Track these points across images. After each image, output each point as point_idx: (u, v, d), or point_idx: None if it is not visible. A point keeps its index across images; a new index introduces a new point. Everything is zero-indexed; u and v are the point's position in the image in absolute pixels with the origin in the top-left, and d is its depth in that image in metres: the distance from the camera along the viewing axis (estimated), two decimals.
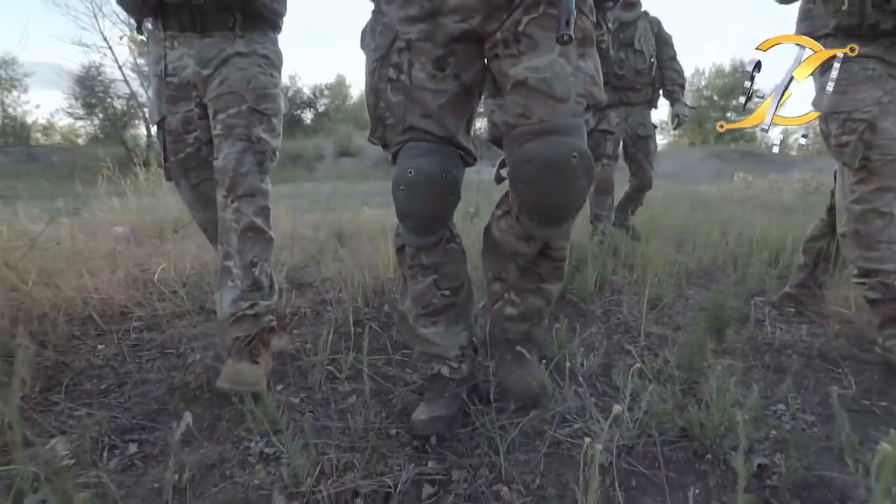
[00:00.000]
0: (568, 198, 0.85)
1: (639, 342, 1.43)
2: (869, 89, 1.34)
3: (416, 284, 1.08)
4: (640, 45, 2.90)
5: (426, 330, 1.10)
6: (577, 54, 0.86)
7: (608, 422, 0.79)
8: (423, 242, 1.03)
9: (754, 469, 0.87)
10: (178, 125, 1.35)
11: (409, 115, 0.96)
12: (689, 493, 0.81)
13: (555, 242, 1.04)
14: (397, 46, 0.94)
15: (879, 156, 1.33)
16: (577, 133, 0.84)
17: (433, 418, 1.01)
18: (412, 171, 0.93)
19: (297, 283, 2.09)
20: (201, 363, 1.35)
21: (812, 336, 1.49)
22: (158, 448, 0.99)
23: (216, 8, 1.28)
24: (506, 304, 1.13)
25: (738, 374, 1.08)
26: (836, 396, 0.78)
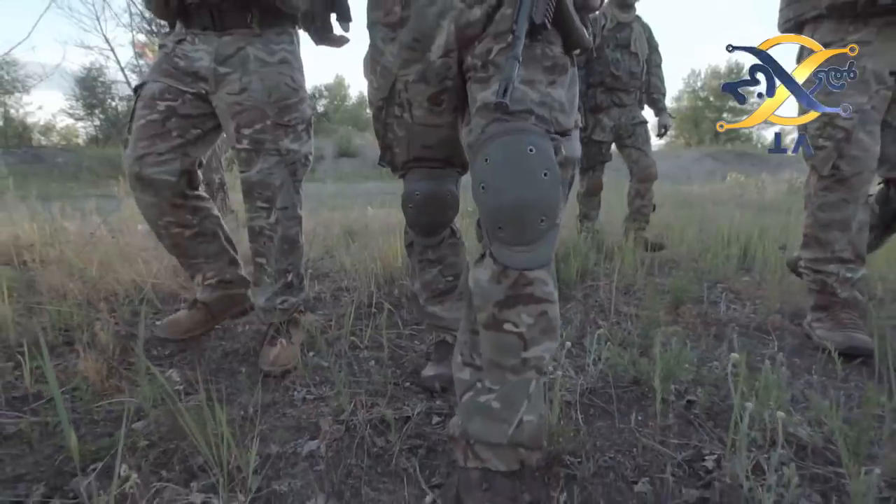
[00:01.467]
0: (530, 193, 0.72)
1: (609, 318, 1.71)
2: (855, 94, 1.33)
3: (425, 274, 1.27)
4: (636, 47, 2.95)
5: (433, 308, 1.30)
6: (546, 82, 0.82)
7: None
8: (428, 242, 1.23)
9: (684, 403, 1.15)
10: (155, 91, 1.33)
11: (412, 149, 1.07)
12: (631, 417, 1.09)
13: (532, 274, 0.78)
14: (398, 88, 1.00)
15: (849, 166, 1.38)
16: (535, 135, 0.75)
17: (438, 374, 1.26)
18: (418, 192, 1.11)
19: (317, 273, 2.36)
20: (244, 334, 1.62)
21: (755, 313, 1.77)
22: (224, 395, 1.26)
23: (234, 6, 1.32)
24: (479, 393, 0.83)
25: (682, 339, 1.36)
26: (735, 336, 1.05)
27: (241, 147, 1.36)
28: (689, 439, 1.00)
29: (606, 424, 1.07)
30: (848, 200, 1.42)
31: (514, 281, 0.77)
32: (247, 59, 1.33)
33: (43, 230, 2.85)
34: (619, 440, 1.01)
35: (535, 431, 0.80)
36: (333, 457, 0.97)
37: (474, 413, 0.81)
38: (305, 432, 1.07)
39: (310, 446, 1.01)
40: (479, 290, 0.81)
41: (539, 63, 0.82)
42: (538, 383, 0.81)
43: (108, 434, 1.04)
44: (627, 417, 1.09)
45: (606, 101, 2.94)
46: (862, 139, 1.35)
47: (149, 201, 1.37)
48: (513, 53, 0.73)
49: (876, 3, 1.27)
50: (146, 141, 1.31)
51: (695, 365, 1.27)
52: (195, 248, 1.49)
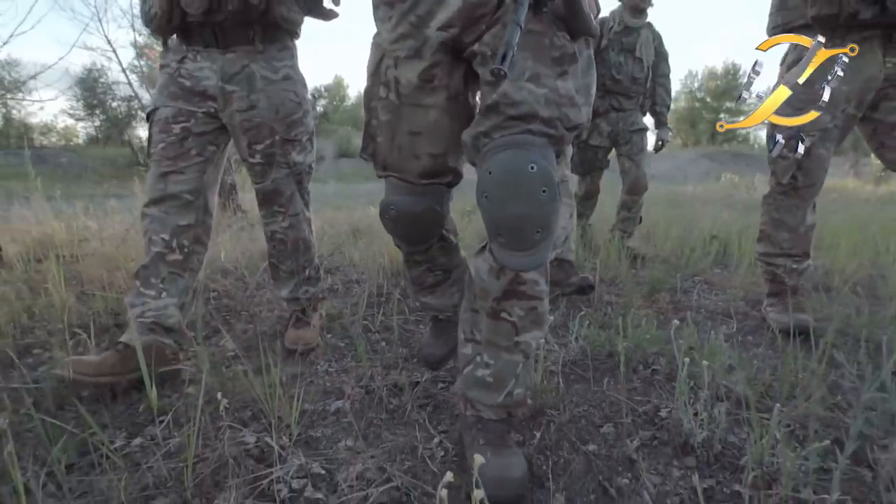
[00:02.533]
0: (529, 209, 0.77)
1: (593, 305, 1.92)
2: (821, 113, 1.38)
3: (412, 272, 1.21)
4: (641, 53, 2.89)
5: (425, 298, 1.27)
6: (555, 74, 0.82)
7: None
8: (413, 250, 1.14)
9: (649, 371, 1.36)
10: (168, 115, 1.37)
11: (397, 137, 0.95)
12: (604, 381, 1.30)
13: (527, 275, 0.89)
14: (385, 64, 0.94)
15: (805, 178, 1.53)
16: (536, 149, 0.80)
17: (433, 353, 1.27)
18: (394, 208, 1.00)
19: (328, 267, 2.57)
20: (270, 319, 1.83)
21: (722, 301, 1.99)
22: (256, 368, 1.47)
23: (236, 23, 1.36)
24: (477, 367, 0.96)
25: (652, 320, 1.57)
26: (689, 314, 1.26)
27: (255, 161, 1.46)
28: (650, 397, 1.22)
29: (582, 387, 1.28)
30: (799, 206, 1.60)
31: (511, 279, 0.88)
32: (252, 77, 1.39)
33: (71, 228, 3.06)
34: (592, 398, 1.22)
35: (520, 399, 0.96)
36: (357, 412, 1.19)
37: (472, 384, 0.96)
38: (331, 395, 1.28)
39: (336, 405, 1.23)
40: (480, 280, 0.92)
41: (547, 54, 0.82)
42: (525, 365, 0.95)
43: (167, 396, 1.25)
44: (601, 382, 1.31)
45: (604, 106, 2.91)
46: (820, 154, 1.49)
47: (157, 215, 1.36)
48: (514, 18, 0.71)
49: (857, 17, 1.33)
50: (169, 161, 1.36)
51: (662, 341, 1.48)
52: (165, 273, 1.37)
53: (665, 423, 1.08)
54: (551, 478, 0.92)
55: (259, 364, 1.22)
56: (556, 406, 1.16)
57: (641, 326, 1.48)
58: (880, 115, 1.52)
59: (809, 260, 1.71)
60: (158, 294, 1.36)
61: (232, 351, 1.39)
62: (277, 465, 0.95)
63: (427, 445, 1.04)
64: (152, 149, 1.38)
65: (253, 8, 1.33)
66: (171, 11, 1.32)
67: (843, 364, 1.18)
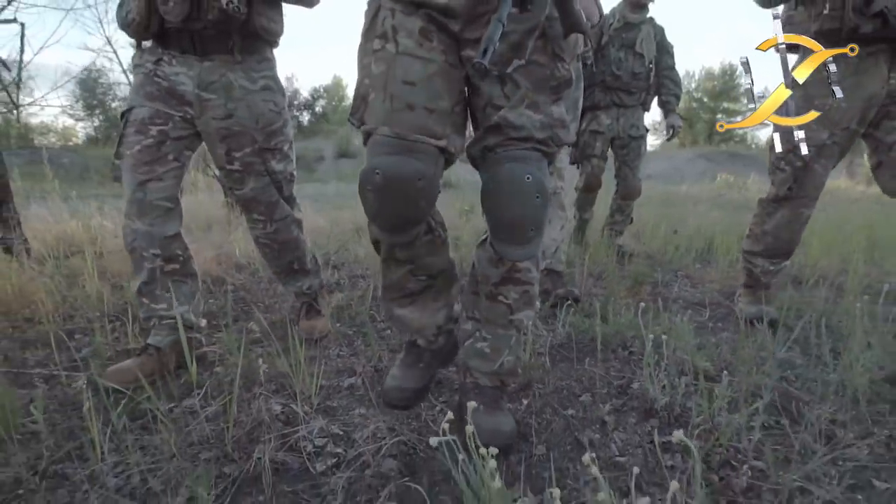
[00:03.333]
0: (525, 211, 0.90)
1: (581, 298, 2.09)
2: (819, 130, 1.47)
3: (391, 274, 1.06)
4: (642, 48, 2.86)
5: (401, 310, 1.10)
6: (550, 101, 0.94)
7: None
8: (396, 240, 0.98)
9: (626, 352, 1.53)
10: (144, 115, 1.34)
11: (390, 84, 0.89)
12: (585, 361, 1.47)
13: (521, 264, 1.02)
14: (382, 16, 0.92)
15: (800, 191, 1.59)
16: (532, 162, 0.92)
17: (399, 388, 1.10)
18: (379, 172, 0.87)
19: (334, 263, 2.74)
20: (284, 310, 2.00)
21: (700, 293, 2.16)
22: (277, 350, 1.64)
23: (215, 32, 1.34)
24: (476, 341, 1.08)
25: (632, 309, 1.74)
26: (660, 304, 1.44)
27: (233, 168, 1.45)
28: (624, 373, 1.39)
29: (566, 365, 1.45)
30: (791, 220, 1.66)
31: (508, 268, 1.02)
32: (230, 86, 1.38)
33: (89, 227, 3.23)
34: (574, 373, 1.39)
35: (511, 367, 1.10)
36: (368, 386, 1.35)
37: (472, 355, 1.10)
38: (344, 373, 1.45)
39: (349, 381, 1.39)
40: (481, 268, 1.05)
41: (547, 83, 0.93)
42: (517, 339, 1.09)
43: (199, 374, 1.42)
44: (582, 361, 1.47)
45: (605, 101, 2.89)
46: (816, 170, 1.54)
47: (142, 230, 1.35)
48: (497, 16, 0.76)
49: (858, 32, 1.36)
50: (145, 167, 1.33)
51: (639, 327, 1.65)
52: (167, 284, 1.42)
53: (635, 393, 1.25)
54: (535, 434, 1.09)
55: (280, 346, 1.39)
56: (542, 380, 1.33)
57: (621, 314, 1.65)
58: (880, 134, 1.54)
59: (787, 262, 1.82)
60: (169, 305, 1.41)
61: (258, 333, 1.55)
62: (302, 426, 1.12)
63: (430, 412, 1.21)
64: (125, 150, 1.34)
65: (233, 18, 1.32)
66: (149, 18, 1.31)
67: (794, 345, 1.35)
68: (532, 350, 1.41)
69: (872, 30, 1.35)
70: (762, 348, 1.42)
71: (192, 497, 0.90)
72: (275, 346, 1.37)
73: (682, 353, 1.33)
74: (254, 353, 1.47)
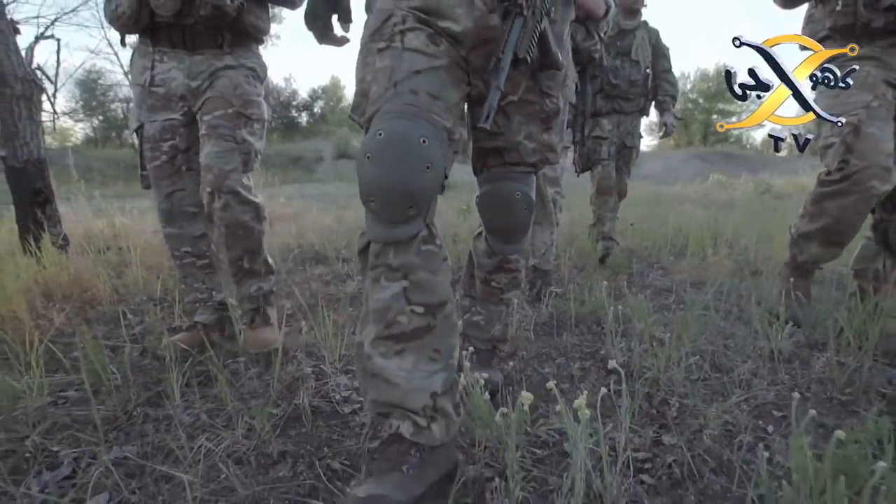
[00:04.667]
0: (515, 220, 1.13)
1: (563, 284, 2.37)
2: (859, 93, 1.37)
3: (379, 293, 0.81)
4: (637, 55, 2.87)
5: (385, 361, 0.81)
6: (541, 129, 1.08)
7: None
8: (392, 235, 0.80)
9: (601, 328, 1.81)
10: (155, 132, 1.42)
11: (395, 73, 0.86)
12: (563, 334, 1.75)
13: (511, 256, 1.22)
14: (392, 21, 0.91)
15: (858, 160, 1.36)
16: (523, 181, 1.11)
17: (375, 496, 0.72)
18: (382, 132, 0.79)
19: (345, 256, 3.01)
20: (303, 295, 2.27)
21: (670, 282, 2.45)
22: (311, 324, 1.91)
23: (206, 27, 1.37)
24: (473, 315, 1.32)
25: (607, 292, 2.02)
26: (624, 284, 1.71)
27: (202, 133, 1.42)
28: (594, 343, 1.66)
29: (547, 337, 1.73)
30: (853, 192, 1.40)
31: (500, 259, 1.23)
32: (217, 70, 1.43)
33: (113, 225, 3.49)
34: (552, 343, 1.67)
35: (501, 334, 1.34)
36: None
37: (469, 326, 1.34)
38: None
39: None
40: (478, 257, 1.26)
41: (538, 116, 1.06)
42: (506, 312, 1.34)
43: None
44: (561, 334, 1.75)
45: (606, 108, 2.92)
46: (872, 133, 1.35)
47: (173, 233, 1.53)
48: (496, 84, 0.83)
49: (870, 26, 1.36)
50: (167, 181, 1.46)
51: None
52: (202, 277, 1.61)
53: (601, 356, 1.53)
54: (516, 384, 1.37)
55: (307, 322, 1.66)
56: (526, 348, 1.61)
57: (597, 297, 1.93)
58: None
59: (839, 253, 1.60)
60: (209, 294, 1.62)
61: (289, 310, 1.83)
62: (331, 380, 1.39)
63: None
64: (147, 164, 1.47)
65: (225, 15, 1.35)
66: (139, 11, 1.32)
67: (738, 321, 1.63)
68: (519, 326, 1.69)
69: (885, 24, 1.33)
70: (709, 320, 1.70)
71: (250, 428, 1.17)
72: (309, 321, 1.64)
73: (640, 324, 1.61)
74: (288, 326, 1.74)
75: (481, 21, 0.91)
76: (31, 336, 1.35)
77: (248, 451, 1.08)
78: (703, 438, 1.07)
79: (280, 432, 1.17)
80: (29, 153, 2.56)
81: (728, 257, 2.89)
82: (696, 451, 1.03)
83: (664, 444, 1.06)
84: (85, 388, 1.24)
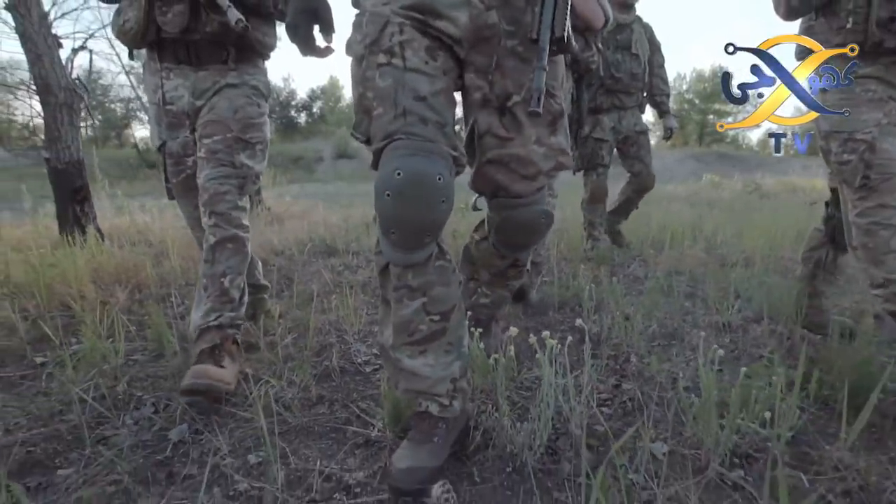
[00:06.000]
0: (535, 239, 1.18)
1: (552, 273, 2.65)
2: (870, 111, 1.39)
3: (402, 310, 0.95)
4: (637, 48, 2.89)
5: (412, 361, 0.97)
6: (548, 132, 1.03)
7: None
8: (410, 259, 0.91)
9: (582, 308, 2.09)
10: (178, 149, 1.45)
11: (400, 98, 0.88)
12: (549, 313, 2.03)
13: (521, 258, 1.27)
14: (390, 31, 0.91)
15: (878, 174, 1.39)
16: (543, 200, 1.08)
17: (410, 469, 0.90)
18: (400, 172, 0.84)
19: (355, 249, 3.29)
20: (319, 284, 2.55)
21: (647, 272, 2.73)
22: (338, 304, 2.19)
23: (212, 43, 1.38)
24: (479, 296, 1.38)
25: (589, 279, 2.30)
26: (601, 271, 2.00)
27: (200, 156, 1.43)
28: (574, 319, 1.95)
29: (536, 316, 2.01)
30: (884, 205, 1.40)
31: (513, 261, 1.27)
32: (220, 89, 1.44)
33: (136, 222, 3.76)
34: (539, 320, 1.95)
35: (506, 312, 1.64)
36: None
37: (476, 307, 1.41)
38: (375, 323, 2.00)
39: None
40: (488, 257, 1.28)
41: (543, 121, 1.01)
42: (510, 293, 1.45)
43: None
44: (546, 314, 2.03)
45: (607, 103, 2.94)
46: (886, 148, 1.38)
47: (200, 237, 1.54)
48: (540, 65, 0.82)
49: (882, 46, 1.33)
50: (192, 192, 1.49)
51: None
52: None
53: (578, 328, 1.81)
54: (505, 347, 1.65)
55: (328, 303, 1.94)
56: (516, 324, 1.89)
57: (580, 283, 2.21)
58: None
59: None
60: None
61: (311, 295, 2.10)
62: (353, 346, 1.67)
63: None
64: (172, 178, 1.51)
65: (231, 31, 1.34)
66: (146, 27, 1.35)
67: (702, 302, 1.91)
68: (512, 304, 1.97)
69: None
70: (674, 301, 1.98)
71: (290, 381, 1.44)
72: (331, 302, 1.91)
73: (612, 302, 1.90)
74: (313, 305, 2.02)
75: (479, 20, 0.93)
76: (100, 311, 1.63)
77: (293, 396, 1.35)
78: (653, 385, 1.35)
79: (315, 384, 1.45)
80: (69, 155, 2.83)
81: (704, 250, 3.17)
82: (647, 393, 1.31)
83: (622, 389, 1.35)
84: (151, 352, 1.52)
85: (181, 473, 1.03)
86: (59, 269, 1.97)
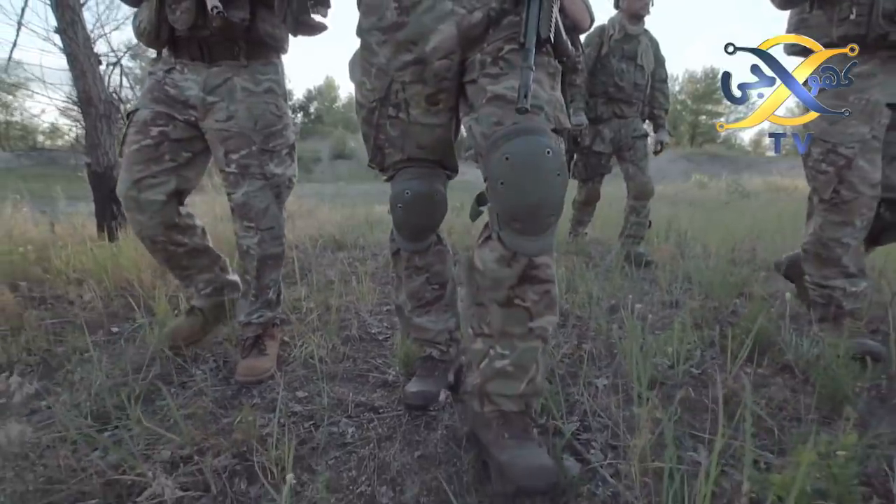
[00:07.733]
0: (545, 194, 0.84)
1: None
2: (858, 125, 1.39)
3: (411, 283, 1.31)
4: (642, 60, 2.94)
5: (420, 319, 1.34)
6: (550, 84, 0.96)
7: None
8: (415, 247, 1.26)
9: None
10: (147, 117, 1.41)
11: (406, 147, 1.14)
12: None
13: (538, 259, 0.91)
14: (394, 89, 1.06)
15: (848, 191, 1.42)
16: (550, 135, 0.88)
17: (420, 392, 1.25)
18: (408, 192, 1.15)
19: (362, 244, 3.66)
20: (333, 274, 2.91)
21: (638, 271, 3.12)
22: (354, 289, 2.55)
23: (221, 39, 1.40)
24: (493, 360, 0.96)
25: (578, 274, 2.68)
26: (574, 262, 2.38)
27: (230, 171, 1.46)
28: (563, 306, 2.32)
29: None
30: (846, 223, 1.46)
31: (525, 265, 0.90)
32: (234, 89, 1.43)
33: None
34: None
35: (540, 387, 0.98)
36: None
37: (492, 376, 0.96)
38: (385, 303, 2.36)
39: (387, 307, 2.31)
40: (489, 271, 0.92)
41: (545, 69, 0.97)
42: (543, 350, 0.96)
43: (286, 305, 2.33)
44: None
45: (607, 113, 2.99)
46: (862, 166, 1.40)
47: (144, 222, 1.44)
48: (527, 64, 0.83)
49: (886, 39, 1.30)
50: (141, 165, 1.40)
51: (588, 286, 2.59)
52: (188, 261, 1.59)
53: (566, 312, 2.19)
54: None
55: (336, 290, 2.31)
56: None
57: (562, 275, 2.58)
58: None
59: (866, 282, 1.56)
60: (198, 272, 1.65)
61: (329, 281, 2.48)
62: (368, 320, 2.04)
63: None
64: (126, 149, 1.42)
65: (236, 25, 1.38)
66: (159, 26, 1.39)
67: (672, 288, 2.29)
68: None
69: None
70: (636, 284, 2.36)
71: (319, 345, 1.80)
72: (346, 287, 2.28)
73: (581, 285, 2.28)
74: (330, 290, 2.39)
75: (464, 23, 0.98)
76: (160, 290, 1.99)
77: (323, 356, 1.72)
78: (606, 344, 1.73)
79: (341, 345, 1.81)
80: (108, 161, 3.18)
81: (674, 245, 3.56)
82: (600, 349, 1.69)
83: (581, 346, 1.72)
84: None
85: (249, 403, 1.39)
86: (118, 258, 2.32)
